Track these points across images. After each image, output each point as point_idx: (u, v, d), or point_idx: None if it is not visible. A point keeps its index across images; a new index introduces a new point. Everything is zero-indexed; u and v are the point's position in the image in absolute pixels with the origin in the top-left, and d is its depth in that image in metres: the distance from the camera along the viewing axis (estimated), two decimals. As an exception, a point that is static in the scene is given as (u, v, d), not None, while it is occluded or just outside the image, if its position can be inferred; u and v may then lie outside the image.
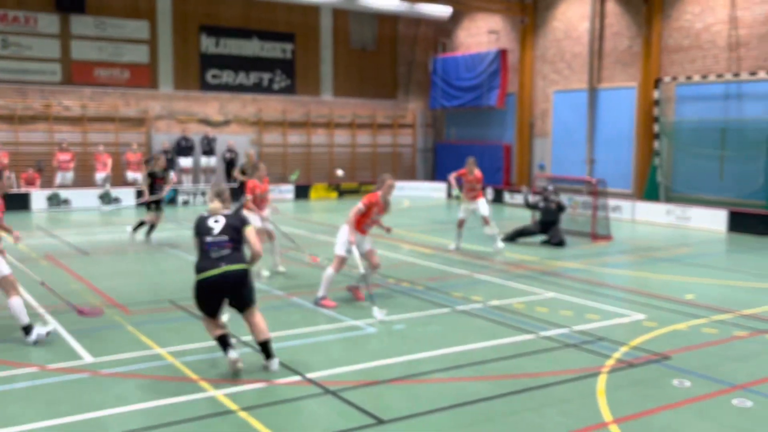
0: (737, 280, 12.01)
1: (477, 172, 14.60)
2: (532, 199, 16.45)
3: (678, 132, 20.77)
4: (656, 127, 21.04)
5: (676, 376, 7.15)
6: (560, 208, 15.70)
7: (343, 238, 9.85)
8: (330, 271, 9.90)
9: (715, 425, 6.03)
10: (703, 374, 7.23)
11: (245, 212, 11.37)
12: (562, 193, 19.02)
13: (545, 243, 15.54)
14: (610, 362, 7.57)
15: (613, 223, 17.71)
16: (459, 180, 14.88)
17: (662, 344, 8.22)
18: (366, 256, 10.02)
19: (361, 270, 9.84)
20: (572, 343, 8.27)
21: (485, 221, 14.60)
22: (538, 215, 16.08)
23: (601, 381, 7.00)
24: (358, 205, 9.87)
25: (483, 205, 14.62)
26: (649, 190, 21.17)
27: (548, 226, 15.57)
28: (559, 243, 15.31)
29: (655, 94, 20.91)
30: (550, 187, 16.26)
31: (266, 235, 12.01)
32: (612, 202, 19.34)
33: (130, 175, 23.38)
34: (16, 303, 8.02)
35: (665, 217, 19.53)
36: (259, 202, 12.00)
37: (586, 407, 6.36)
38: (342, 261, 9.86)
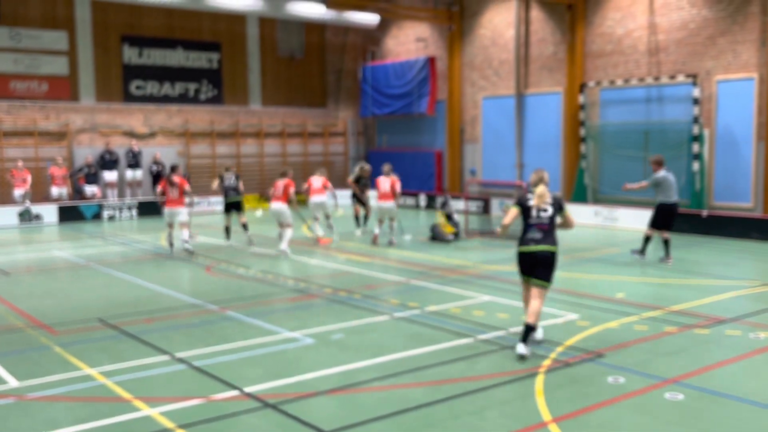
0: (665, 278, 12.38)
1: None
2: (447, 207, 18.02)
3: (603, 135, 21.36)
4: (582, 131, 21.58)
5: (611, 373, 7.29)
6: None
7: None
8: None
9: (649, 419, 6.17)
10: (636, 370, 7.39)
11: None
12: (493, 198, 19.61)
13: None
14: (546, 362, 7.67)
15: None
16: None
17: (596, 343, 8.39)
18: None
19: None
20: (509, 345, 8.34)
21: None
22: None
23: (539, 381, 7.08)
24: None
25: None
26: (576, 192, 21.68)
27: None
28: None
29: (581, 99, 21.45)
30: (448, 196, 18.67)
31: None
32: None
33: (55, 190, 22.56)
34: None
35: (593, 218, 20.02)
36: None
37: (526, 408, 6.41)
38: None
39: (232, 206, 16.88)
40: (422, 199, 25.91)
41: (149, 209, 23.81)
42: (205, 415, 6.32)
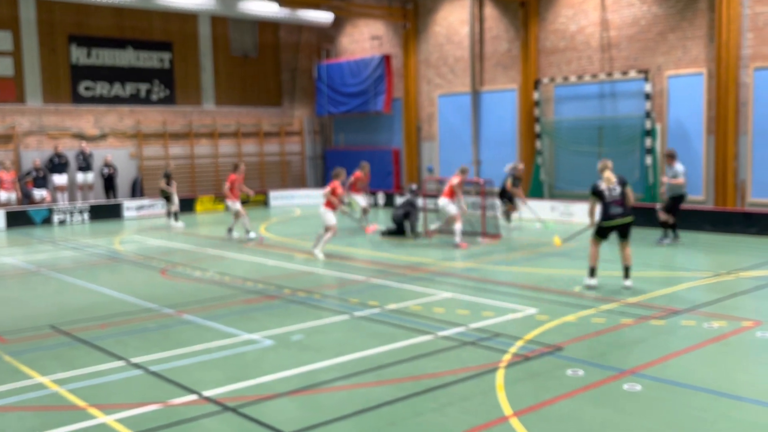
0: (620, 270, 12.54)
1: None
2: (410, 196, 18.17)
3: (558, 131, 21.60)
4: (537, 127, 21.79)
5: (570, 366, 7.35)
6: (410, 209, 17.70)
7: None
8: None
9: (608, 410, 6.23)
10: (594, 362, 7.47)
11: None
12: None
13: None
14: (507, 357, 7.70)
15: (502, 222, 18.16)
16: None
17: (555, 336, 8.45)
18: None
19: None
20: (470, 340, 8.36)
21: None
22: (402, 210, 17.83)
23: (500, 376, 7.10)
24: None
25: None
26: (533, 188, 21.89)
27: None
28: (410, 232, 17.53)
29: (535, 95, 21.67)
30: (413, 187, 18.62)
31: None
32: (500, 201, 19.83)
33: (3, 194, 21.93)
34: None
35: (550, 213, 20.22)
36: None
37: (487, 403, 6.42)
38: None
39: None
40: (380, 198, 25.88)
41: (101, 213, 23.33)
42: (163, 420, 6.18)
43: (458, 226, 15.57)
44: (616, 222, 10.76)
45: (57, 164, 23.35)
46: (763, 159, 17.51)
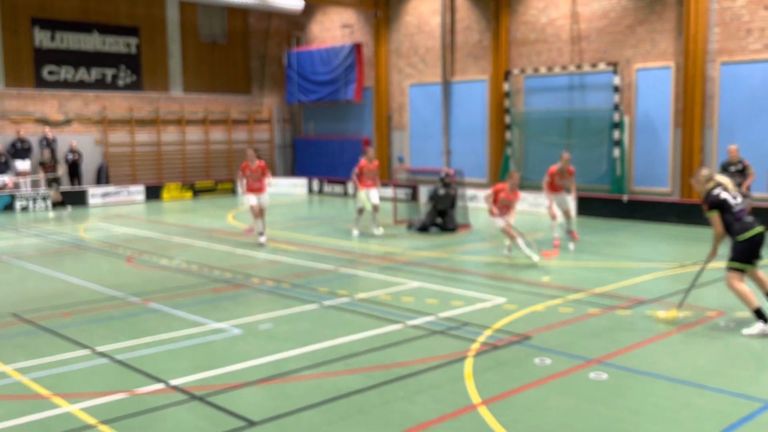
0: (587, 261, 12.69)
1: (376, 162, 16.28)
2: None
3: (528, 122, 21.72)
4: (507, 118, 21.88)
5: (537, 354, 7.41)
6: (454, 200, 16.75)
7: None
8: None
9: (575, 398, 6.29)
10: (561, 351, 7.53)
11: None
12: (421, 185, 19.31)
13: (439, 228, 16.50)
14: (475, 346, 7.73)
15: (471, 212, 18.23)
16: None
17: (523, 325, 8.51)
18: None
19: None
20: (439, 330, 8.38)
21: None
22: (433, 203, 16.76)
23: (468, 365, 7.13)
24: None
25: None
26: (502, 178, 21.97)
27: (444, 213, 16.56)
28: (453, 228, 16.41)
29: (506, 86, 21.74)
30: (449, 173, 17.41)
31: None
32: (469, 191, 19.92)
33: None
34: None
35: (519, 204, 20.29)
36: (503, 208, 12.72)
37: (456, 391, 6.44)
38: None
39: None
40: (350, 187, 25.80)
41: (66, 199, 22.92)
42: (129, 409, 6.10)
43: (520, 242, 12.57)
44: (758, 230, 8.18)
45: (19, 149, 22.87)
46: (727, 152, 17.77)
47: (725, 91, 17.72)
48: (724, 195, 8.23)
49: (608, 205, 18.70)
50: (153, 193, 25.08)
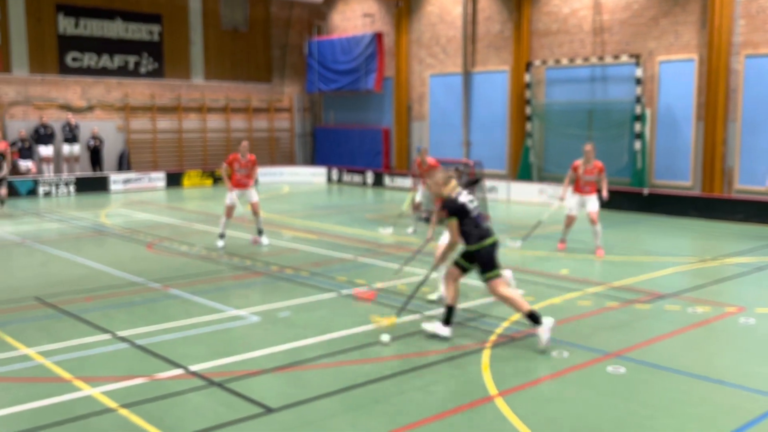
0: (607, 255, 12.61)
1: (429, 160, 14.81)
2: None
3: (548, 114, 21.59)
4: (528, 110, 21.77)
5: (555, 347, 7.40)
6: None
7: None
8: None
9: (593, 392, 6.28)
10: (579, 344, 7.52)
11: None
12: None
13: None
14: (492, 337, 7.74)
15: (490, 204, 18.19)
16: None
17: (541, 318, 8.49)
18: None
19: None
20: (456, 320, 8.38)
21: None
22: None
23: (485, 356, 7.14)
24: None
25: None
26: (522, 170, 21.91)
27: None
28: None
29: (527, 78, 21.61)
30: (460, 168, 16.98)
31: None
32: (488, 183, 19.87)
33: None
34: None
35: (538, 196, 20.29)
36: None
37: (472, 382, 6.46)
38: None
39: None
40: (369, 177, 25.84)
41: (87, 185, 23.17)
42: (149, 394, 6.18)
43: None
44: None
45: (43, 135, 23.12)
46: (750, 146, 17.59)
47: (749, 85, 17.50)
48: (463, 199, 7.60)
49: (628, 198, 18.58)
50: (174, 180, 25.27)
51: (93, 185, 23.29)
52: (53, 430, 5.48)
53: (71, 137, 23.59)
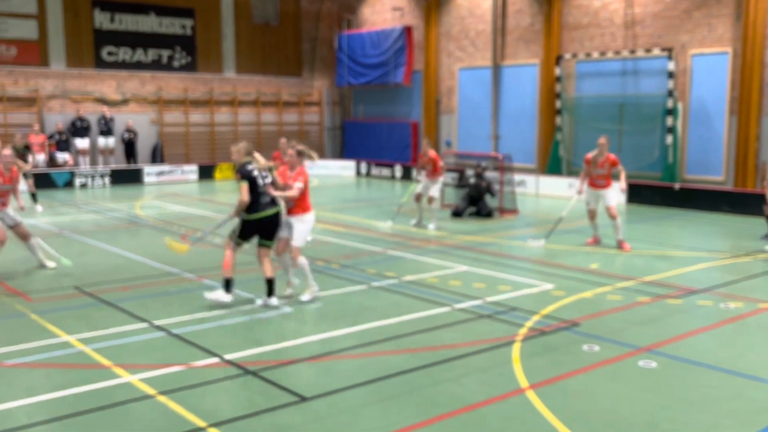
0: (637, 249, 12.56)
1: (430, 153, 14.57)
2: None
3: (578, 108, 21.46)
4: (558, 103, 21.66)
5: (586, 341, 7.43)
6: (489, 189, 16.53)
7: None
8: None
9: (624, 386, 6.31)
10: (610, 339, 7.53)
11: None
12: (468, 169, 19.36)
13: (475, 215, 16.37)
14: (523, 331, 7.79)
15: (519, 197, 18.17)
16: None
17: (571, 312, 8.52)
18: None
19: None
20: (486, 313, 8.45)
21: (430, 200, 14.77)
22: (467, 189, 16.67)
23: (516, 349, 7.19)
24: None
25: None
26: (551, 164, 21.82)
27: (477, 200, 16.44)
28: (489, 214, 16.25)
29: (557, 71, 21.50)
30: (483, 164, 17.30)
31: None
32: (517, 176, 19.84)
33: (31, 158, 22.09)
34: None
35: (567, 190, 20.15)
36: None
37: (503, 375, 6.52)
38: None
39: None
40: (398, 170, 25.90)
41: (122, 177, 23.54)
42: (186, 381, 6.34)
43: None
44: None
45: (79, 128, 23.54)
46: (785, 141, 17.35)
47: (785, 79, 17.24)
48: (255, 172, 8.78)
49: (659, 192, 18.42)
50: (206, 172, 25.57)
51: (127, 177, 23.67)
52: (95, 415, 5.66)
53: (106, 130, 23.99)
